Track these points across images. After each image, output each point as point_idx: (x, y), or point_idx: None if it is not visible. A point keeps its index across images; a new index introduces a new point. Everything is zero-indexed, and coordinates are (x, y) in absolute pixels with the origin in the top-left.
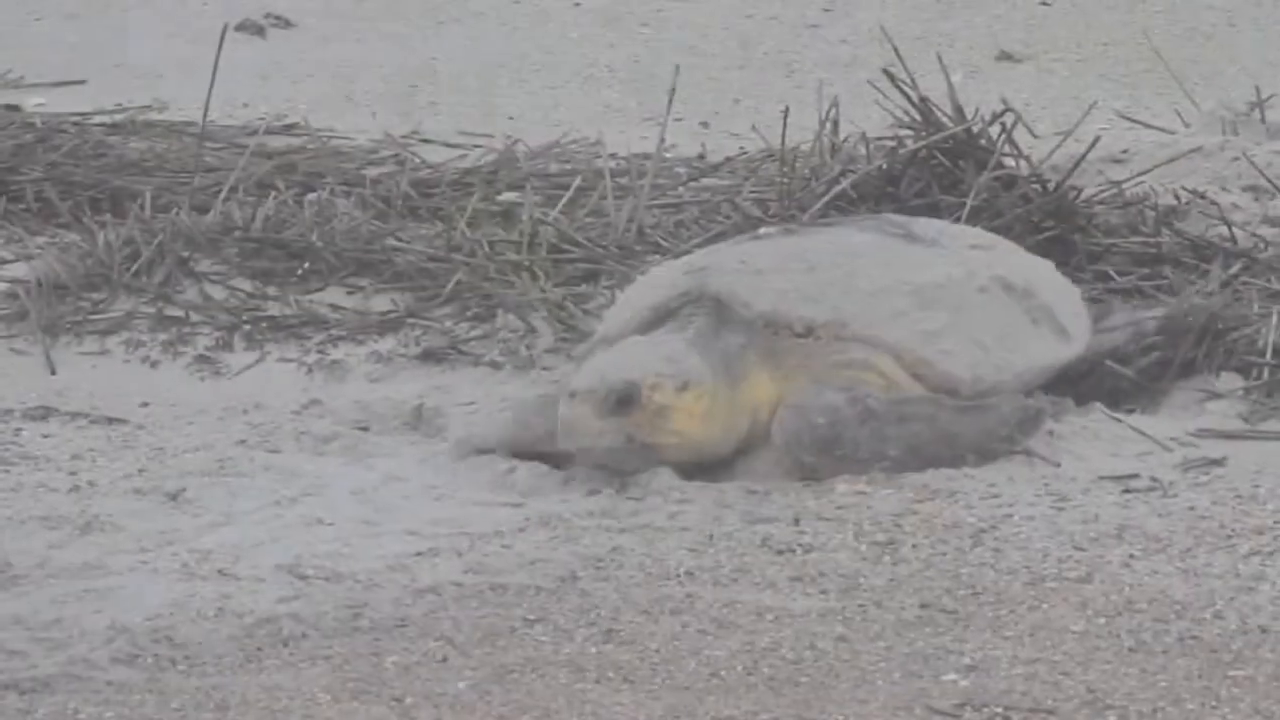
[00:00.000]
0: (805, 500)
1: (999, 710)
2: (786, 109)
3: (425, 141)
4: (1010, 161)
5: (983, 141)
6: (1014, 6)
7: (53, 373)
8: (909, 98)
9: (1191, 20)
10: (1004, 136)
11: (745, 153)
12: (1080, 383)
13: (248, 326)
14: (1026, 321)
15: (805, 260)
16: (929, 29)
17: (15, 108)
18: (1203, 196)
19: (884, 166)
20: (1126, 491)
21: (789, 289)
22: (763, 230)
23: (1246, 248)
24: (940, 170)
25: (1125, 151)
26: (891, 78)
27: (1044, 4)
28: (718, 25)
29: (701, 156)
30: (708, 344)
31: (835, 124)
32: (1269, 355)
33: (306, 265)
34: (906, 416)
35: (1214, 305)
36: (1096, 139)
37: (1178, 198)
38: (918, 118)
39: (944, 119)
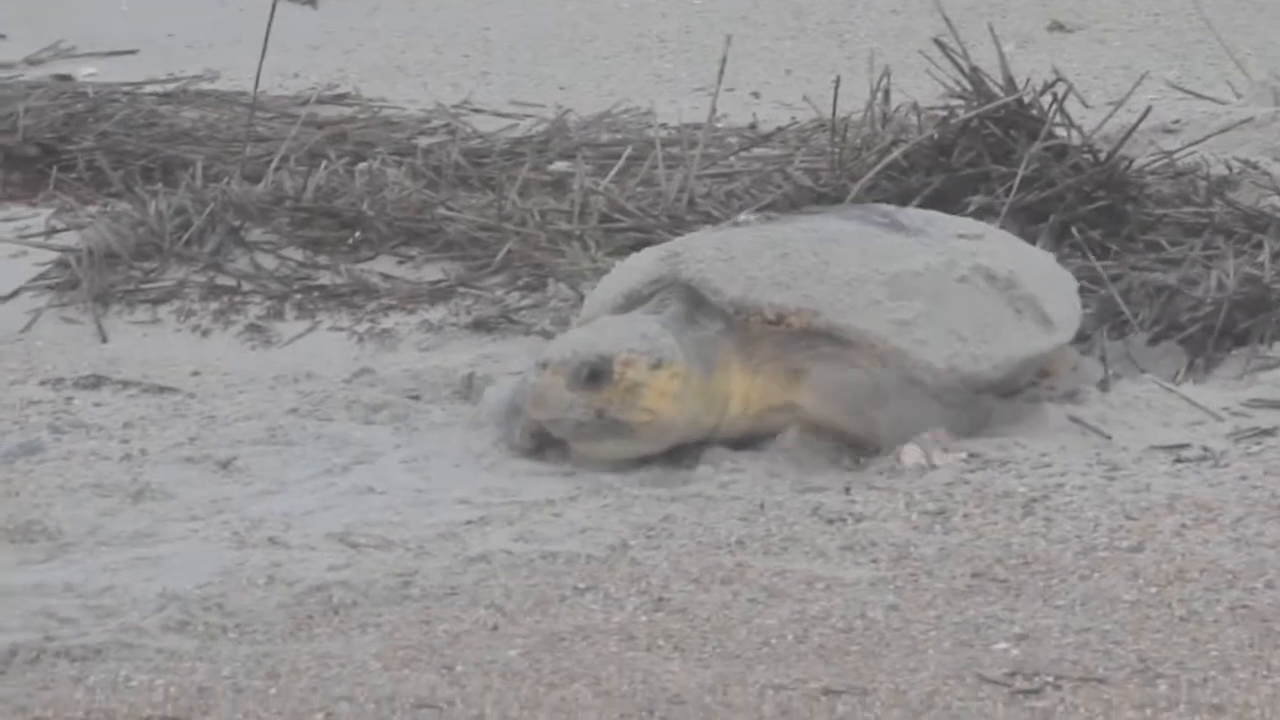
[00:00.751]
0: (856, 469)
1: (1049, 679)
2: (838, 79)
3: (476, 111)
4: (1062, 132)
5: (1034, 111)
6: None
7: (104, 341)
8: (960, 68)
9: None
10: (1055, 107)
11: (797, 123)
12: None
13: (299, 295)
14: (1009, 312)
15: (780, 248)
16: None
17: (67, 77)
18: (1255, 167)
19: (935, 136)
20: (1178, 461)
21: (760, 275)
22: (741, 217)
23: None
24: (992, 140)
25: (1177, 122)
26: (943, 48)
27: None
28: None
29: (753, 126)
30: (681, 328)
31: (887, 94)
32: None
33: (357, 234)
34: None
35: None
36: (1148, 109)
37: (1229, 168)
38: (969, 88)
39: (995, 89)
